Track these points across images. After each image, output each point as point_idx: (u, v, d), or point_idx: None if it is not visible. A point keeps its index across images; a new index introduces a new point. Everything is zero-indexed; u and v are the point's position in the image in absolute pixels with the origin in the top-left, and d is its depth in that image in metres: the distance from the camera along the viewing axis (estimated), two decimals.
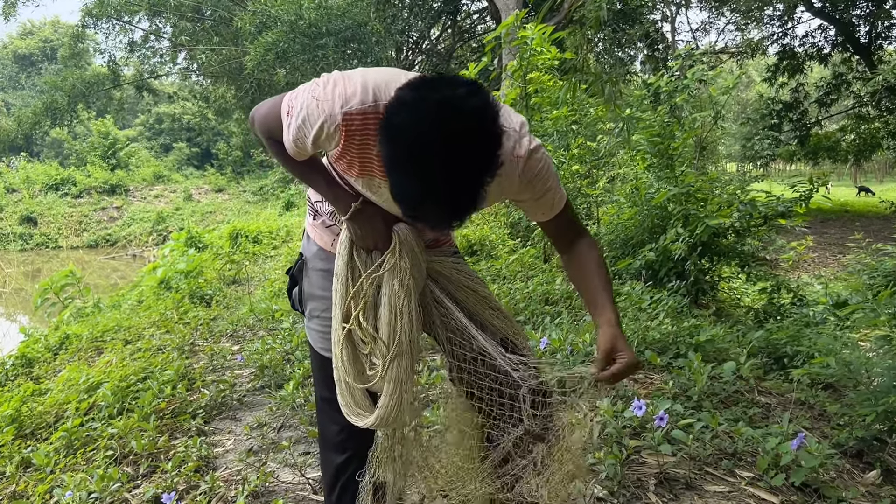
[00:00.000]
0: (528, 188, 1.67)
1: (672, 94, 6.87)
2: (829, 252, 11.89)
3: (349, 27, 16.82)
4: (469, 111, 1.28)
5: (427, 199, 1.31)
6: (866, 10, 17.16)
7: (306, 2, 16.59)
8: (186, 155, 37.56)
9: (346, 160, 1.58)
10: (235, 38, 20.56)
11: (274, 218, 11.05)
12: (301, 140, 1.56)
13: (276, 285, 6.02)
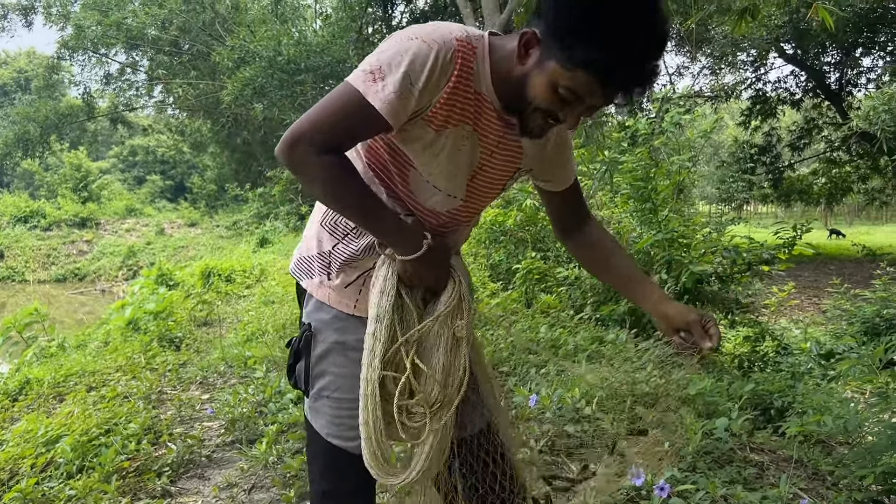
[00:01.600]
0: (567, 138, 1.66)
1: (650, 136, 6.87)
2: (805, 295, 11.94)
3: (328, 64, 16.84)
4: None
5: (634, 54, 1.28)
6: (836, 57, 17.51)
7: (285, 38, 16.61)
8: (160, 187, 37.22)
9: (454, 101, 1.42)
10: (213, 72, 20.52)
11: (248, 255, 10.85)
12: (406, 94, 1.35)
13: (249, 328, 5.83)
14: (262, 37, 16.92)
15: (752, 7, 5.18)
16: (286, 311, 6.36)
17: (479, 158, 1.52)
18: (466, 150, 1.49)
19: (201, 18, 21.37)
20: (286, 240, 13.21)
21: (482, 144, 1.50)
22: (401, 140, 1.46)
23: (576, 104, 1.37)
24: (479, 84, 1.44)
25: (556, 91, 1.35)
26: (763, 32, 14.12)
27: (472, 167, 1.53)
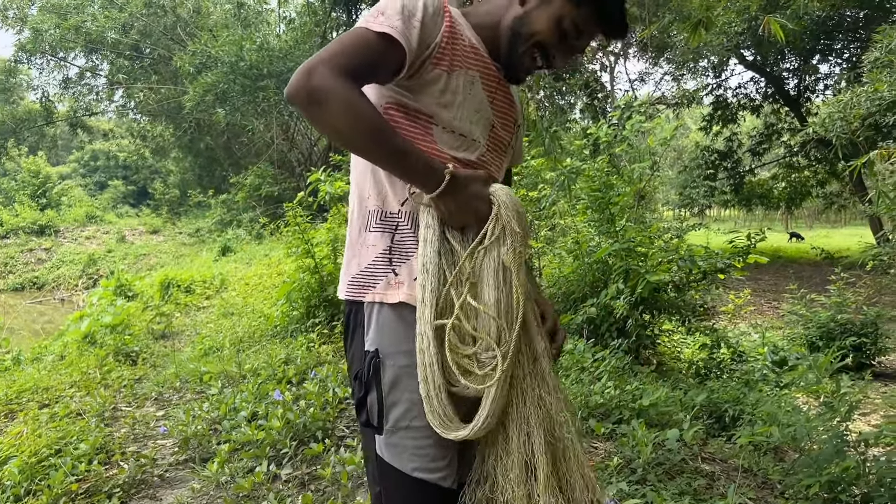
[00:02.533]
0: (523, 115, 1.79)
1: (611, 144, 6.93)
2: (764, 299, 12.11)
3: (291, 69, 16.71)
4: None
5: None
6: (794, 64, 17.84)
7: (248, 43, 16.47)
8: (122, 193, 36.64)
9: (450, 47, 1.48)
10: (175, 76, 20.28)
11: (208, 264, 10.73)
12: (408, 23, 1.41)
13: (207, 342, 5.77)
14: (224, 42, 16.76)
15: (707, 19, 5.26)
16: (245, 323, 6.31)
17: (490, 107, 1.59)
18: (477, 95, 1.55)
19: (162, 22, 21.11)
20: (248, 248, 13.09)
21: (487, 92, 1.57)
22: (418, 91, 1.47)
23: (572, 41, 1.54)
24: (466, 36, 1.54)
25: (559, 25, 1.51)
26: (723, 40, 14.35)
27: (487, 116, 1.58)
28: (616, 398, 3.93)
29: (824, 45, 16.54)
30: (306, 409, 3.65)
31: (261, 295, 7.77)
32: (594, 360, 4.77)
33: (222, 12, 22.21)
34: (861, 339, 6.48)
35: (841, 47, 16.79)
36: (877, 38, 9.26)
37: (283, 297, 5.80)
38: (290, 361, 4.76)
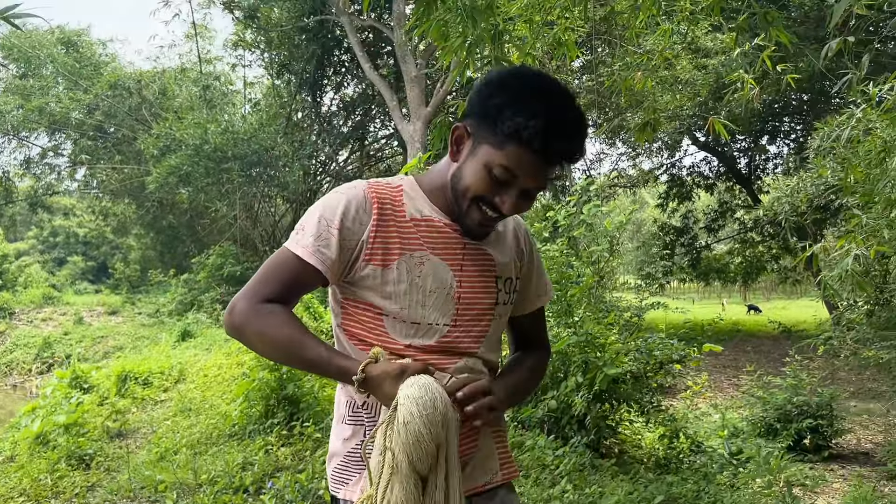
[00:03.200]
0: (532, 253, 1.75)
1: (570, 227, 7.09)
2: (724, 375, 12.23)
3: (255, 151, 16.89)
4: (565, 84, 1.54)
5: (559, 116, 1.42)
6: (745, 144, 18.51)
7: (212, 126, 16.63)
8: (81, 269, 36.03)
9: (384, 236, 1.52)
10: (138, 156, 20.31)
11: (167, 352, 10.57)
12: (324, 235, 1.50)
13: (163, 443, 5.66)
14: (188, 124, 16.90)
15: (654, 120, 5.48)
16: (202, 422, 6.22)
17: (454, 277, 1.56)
18: (429, 274, 1.53)
19: (127, 103, 21.23)
20: (209, 332, 12.93)
21: (449, 263, 1.55)
22: (360, 286, 1.54)
23: (511, 185, 1.46)
24: (415, 211, 1.56)
25: (490, 173, 1.45)
26: (676, 123, 14.86)
27: (449, 288, 1.56)
28: (575, 503, 3.95)
29: (772, 127, 17.24)
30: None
31: (220, 388, 7.67)
32: (554, 456, 4.79)
33: (188, 94, 22.45)
34: (817, 422, 6.57)
35: (788, 129, 17.52)
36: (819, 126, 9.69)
37: (242, 395, 5.75)
38: (247, 467, 4.70)
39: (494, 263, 1.63)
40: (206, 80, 21.68)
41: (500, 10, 4.32)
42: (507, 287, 1.66)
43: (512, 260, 1.68)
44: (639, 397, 5.71)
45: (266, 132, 17.74)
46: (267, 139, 17.62)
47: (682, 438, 5.61)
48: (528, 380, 1.77)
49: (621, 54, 6.93)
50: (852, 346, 6.97)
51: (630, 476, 4.82)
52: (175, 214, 21.78)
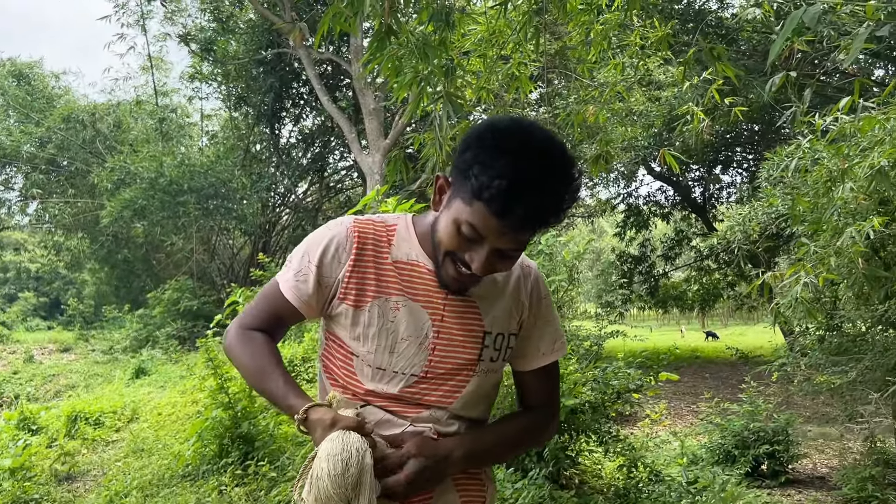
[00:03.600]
0: (538, 306, 1.63)
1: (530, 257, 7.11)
2: (683, 402, 12.31)
3: (212, 184, 16.74)
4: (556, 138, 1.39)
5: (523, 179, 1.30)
6: (699, 174, 18.89)
7: (168, 159, 16.47)
8: (33, 305, 35.17)
9: (359, 277, 1.51)
10: (92, 190, 19.99)
11: (120, 390, 10.31)
12: (304, 271, 1.53)
13: (114, 486, 5.49)
14: (143, 157, 16.73)
15: (606, 153, 5.56)
16: (154, 463, 6.06)
17: (431, 327, 1.51)
18: (403, 321, 1.49)
19: (81, 136, 20.95)
20: (164, 369, 12.66)
21: (429, 311, 1.50)
22: (335, 324, 1.57)
23: (480, 244, 1.39)
24: (402, 254, 1.53)
25: (459, 230, 1.39)
26: (631, 153, 15.12)
27: (424, 337, 1.51)
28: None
29: (725, 157, 17.64)
30: None
31: (173, 427, 7.50)
32: (513, 490, 4.76)
33: (144, 126, 22.23)
34: (774, 447, 6.65)
35: (741, 158, 17.94)
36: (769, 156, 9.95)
37: (195, 435, 5.62)
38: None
39: (481, 317, 1.55)
40: (162, 113, 21.51)
41: (453, 46, 4.37)
42: (497, 343, 1.57)
43: (507, 313, 1.58)
44: (597, 427, 5.72)
45: (223, 164, 17.63)
46: (224, 172, 17.50)
47: (640, 468, 5.62)
48: (508, 441, 1.65)
49: (576, 87, 7.05)
50: (806, 371, 7.07)
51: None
52: (130, 248, 21.42)
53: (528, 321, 1.62)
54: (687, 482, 5.58)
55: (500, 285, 1.57)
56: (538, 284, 1.63)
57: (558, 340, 1.67)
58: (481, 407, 1.62)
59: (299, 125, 21.38)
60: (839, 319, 6.46)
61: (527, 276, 1.62)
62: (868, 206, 4.31)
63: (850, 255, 3.73)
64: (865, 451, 6.44)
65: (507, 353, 1.61)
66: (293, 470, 5.13)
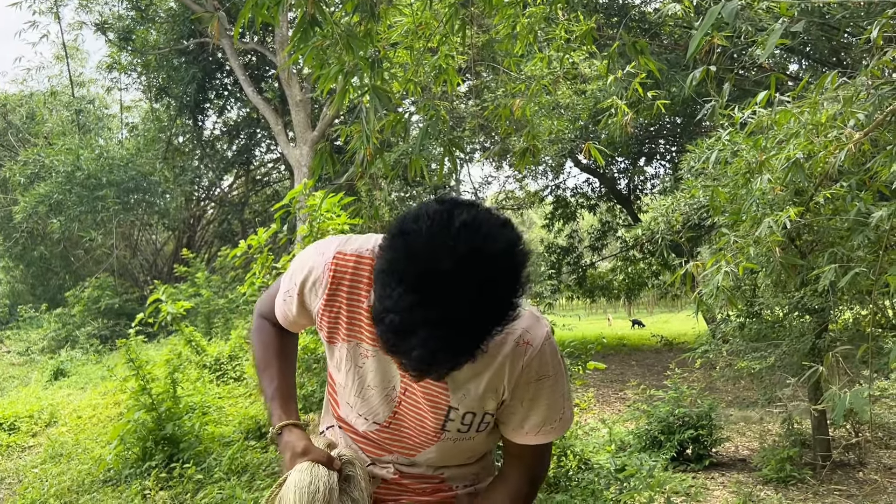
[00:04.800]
0: (526, 387, 1.38)
1: None
2: (611, 389, 12.56)
3: (132, 177, 16.22)
4: (499, 239, 1.10)
5: (417, 319, 1.05)
6: (624, 165, 19.29)
7: (85, 152, 15.89)
8: None
9: (331, 316, 1.41)
10: (3, 185, 19.11)
11: (37, 394, 9.91)
12: (290, 292, 1.50)
13: (29, 495, 5.26)
14: (59, 150, 16.08)
15: (534, 147, 5.59)
16: (74, 469, 5.83)
17: (400, 383, 1.42)
18: (370, 371, 1.41)
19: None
20: (84, 370, 12.21)
21: (399, 367, 1.33)
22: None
23: None
24: None
25: None
26: (558, 146, 15.31)
27: (391, 390, 1.43)
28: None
29: (649, 149, 18.07)
30: None
31: (94, 430, 7.23)
32: None
33: (59, 118, 21.37)
34: (698, 431, 6.83)
35: (664, 150, 18.40)
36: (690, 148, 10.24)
37: (117, 438, 5.43)
38: None
39: (448, 391, 1.39)
40: (79, 104, 20.73)
41: (379, 37, 4.32)
42: (464, 419, 1.41)
43: (482, 395, 1.38)
44: None
45: (144, 157, 17.13)
46: (145, 164, 16.99)
47: (570, 456, 5.70)
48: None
49: (503, 80, 7.07)
50: (727, 357, 7.30)
51: None
52: (46, 245, 20.57)
53: (513, 400, 1.41)
54: (615, 469, 5.69)
55: (477, 364, 1.31)
56: (533, 365, 1.36)
57: (549, 424, 1.43)
58: (462, 458, 1.53)
59: (223, 117, 20.92)
60: (758, 307, 6.69)
61: (518, 355, 1.35)
62: (784, 196, 4.47)
63: (767, 245, 3.85)
64: (784, 434, 6.69)
65: (483, 427, 1.44)
66: (220, 471, 5.02)
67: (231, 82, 19.22)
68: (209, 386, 7.66)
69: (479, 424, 1.43)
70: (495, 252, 1.09)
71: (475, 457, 1.56)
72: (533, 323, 1.37)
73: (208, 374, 8.28)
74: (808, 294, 5.47)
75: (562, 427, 1.43)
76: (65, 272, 22.22)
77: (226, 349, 8.89)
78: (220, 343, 9.56)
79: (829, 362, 3.55)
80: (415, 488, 1.53)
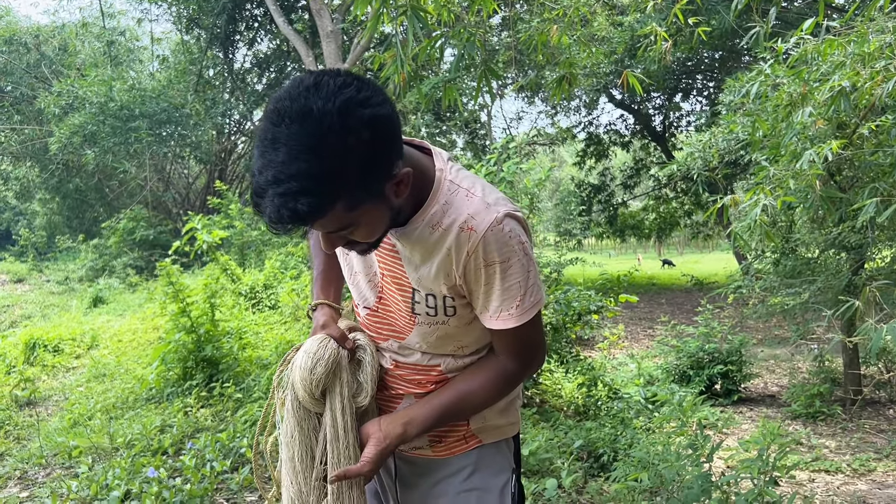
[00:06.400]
0: (476, 273, 1.41)
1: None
2: (640, 327, 12.60)
3: (164, 109, 16.25)
4: (335, 99, 1.16)
5: (263, 181, 1.17)
6: (660, 102, 18.92)
7: (118, 83, 15.90)
8: None
9: None
10: (39, 116, 19.27)
11: (78, 318, 10.17)
12: None
13: (76, 410, 5.47)
14: (92, 82, 16.10)
15: (570, 75, 5.49)
16: (117, 387, 6.03)
17: (379, 266, 1.53)
18: (355, 256, 1.56)
19: (25, 60, 20.08)
20: (122, 298, 12.50)
21: (377, 254, 1.52)
22: None
23: None
24: None
25: None
26: (593, 80, 15.04)
27: (374, 275, 1.56)
28: None
29: (686, 84, 17.66)
30: (182, 486, 3.52)
31: (135, 353, 7.45)
32: None
33: (91, 50, 21.36)
34: (728, 367, 6.88)
35: (701, 86, 17.98)
36: (730, 82, 10.00)
37: (158, 358, 5.59)
38: (165, 429, 4.59)
39: (407, 277, 1.49)
40: (110, 36, 20.69)
41: None
42: (429, 301, 1.48)
43: (434, 276, 1.45)
44: (558, 348, 5.83)
45: (175, 89, 17.12)
46: (177, 97, 16.99)
47: (599, 386, 5.77)
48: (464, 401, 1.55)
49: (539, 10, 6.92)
50: (760, 294, 7.27)
51: (551, 423, 4.94)
52: (82, 177, 20.85)
53: (468, 286, 1.45)
54: (645, 398, 5.76)
55: (428, 244, 1.42)
56: (479, 252, 1.39)
57: (507, 310, 1.45)
58: (449, 347, 1.57)
59: (254, 49, 20.79)
60: (794, 243, 6.62)
61: (462, 242, 1.39)
62: (826, 130, 4.37)
63: (807, 179, 3.78)
64: (814, 371, 6.70)
65: (450, 310, 1.49)
66: (259, 391, 5.16)
67: (261, 13, 19.01)
68: (245, 313, 7.81)
69: (445, 308, 1.48)
70: (327, 111, 1.15)
71: (467, 349, 1.58)
72: (480, 210, 1.39)
73: (244, 302, 8.43)
74: (846, 230, 5.40)
75: (520, 314, 1.44)
76: (100, 204, 22.56)
77: (260, 278, 9.03)
78: (255, 272, 9.70)
79: (866, 296, 3.50)
80: (410, 379, 1.61)
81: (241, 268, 10.27)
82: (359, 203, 1.24)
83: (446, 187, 1.42)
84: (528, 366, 1.58)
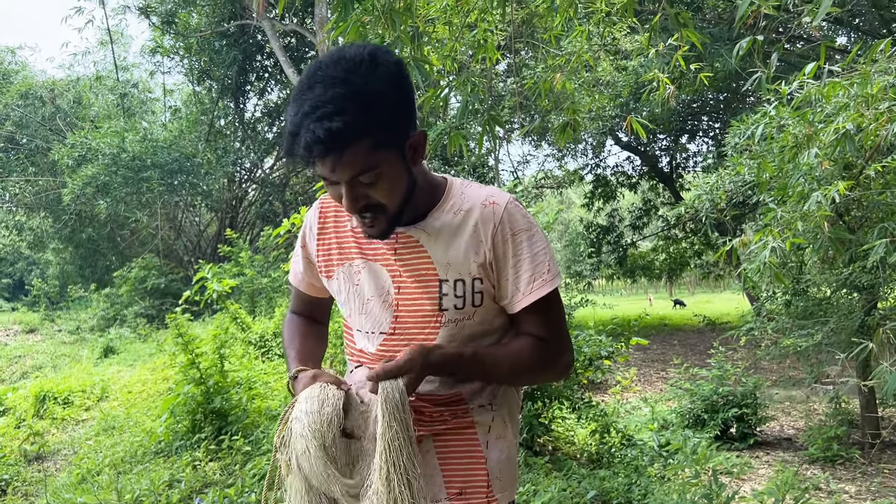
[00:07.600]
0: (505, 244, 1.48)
1: None
2: (652, 369, 12.48)
3: (176, 159, 16.46)
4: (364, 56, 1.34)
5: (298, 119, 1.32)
6: (666, 143, 19.00)
7: (130, 135, 16.13)
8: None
9: (325, 249, 1.62)
10: (53, 167, 19.56)
11: (89, 369, 10.18)
12: (297, 253, 1.71)
13: (85, 464, 5.44)
14: (105, 133, 16.36)
15: (574, 121, 5.54)
16: (126, 440, 6.00)
17: (392, 283, 1.53)
18: (366, 282, 1.56)
19: (40, 113, 20.45)
20: (132, 347, 12.51)
21: (388, 269, 1.53)
22: None
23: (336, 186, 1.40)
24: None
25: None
26: (598, 123, 15.14)
27: (387, 294, 1.54)
28: None
29: (691, 126, 17.74)
30: None
31: (144, 404, 7.43)
32: None
33: (105, 102, 21.73)
34: (743, 410, 6.78)
35: (707, 127, 18.06)
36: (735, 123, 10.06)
37: (167, 411, 5.57)
38: (174, 484, 4.55)
39: (433, 263, 1.50)
40: (123, 88, 21.06)
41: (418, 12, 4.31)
42: (457, 290, 1.49)
43: (464, 257, 1.49)
44: (569, 394, 5.78)
45: (187, 139, 17.36)
46: (188, 146, 17.23)
47: (612, 433, 5.70)
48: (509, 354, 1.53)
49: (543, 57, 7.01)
50: (772, 335, 7.20)
51: (563, 472, 4.87)
52: (94, 227, 21.04)
53: (498, 263, 1.50)
54: (659, 445, 5.67)
55: (453, 227, 1.49)
56: (506, 222, 1.48)
57: (539, 277, 1.50)
58: None
59: (264, 99, 21.10)
60: (805, 284, 6.57)
61: (488, 216, 1.49)
62: (833, 170, 4.37)
63: (815, 220, 3.77)
64: (830, 412, 6.59)
65: (477, 297, 1.51)
66: (268, 443, 5.12)
67: (271, 64, 19.33)
68: (255, 362, 7.79)
69: (472, 295, 1.50)
70: (359, 54, 1.34)
71: None
72: (495, 191, 1.54)
73: (254, 351, 8.41)
74: (856, 270, 5.36)
75: (548, 282, 1.50)
76: (112, 253, 22.72)
77: (270, 326, 9.02)
78: (265, 320, 9.70)
79: (880, 338, 3.47)
80: (431, 412, 1.52)
81: (251, 315, 10.27)
82: (383, 145, 1.34)
83: (458, 183, 1.57)
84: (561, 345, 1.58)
